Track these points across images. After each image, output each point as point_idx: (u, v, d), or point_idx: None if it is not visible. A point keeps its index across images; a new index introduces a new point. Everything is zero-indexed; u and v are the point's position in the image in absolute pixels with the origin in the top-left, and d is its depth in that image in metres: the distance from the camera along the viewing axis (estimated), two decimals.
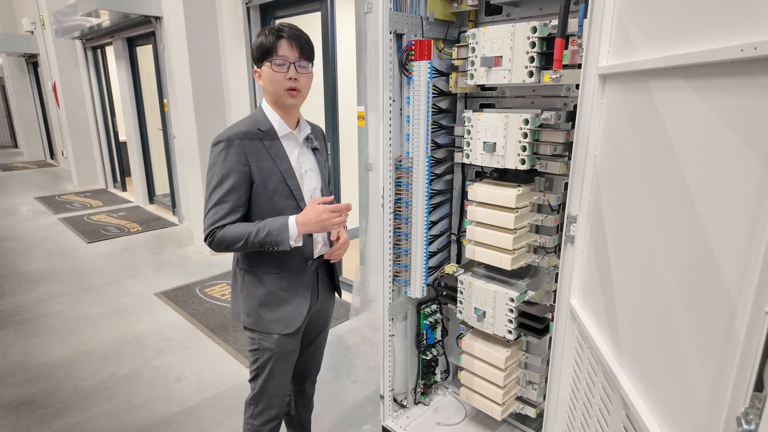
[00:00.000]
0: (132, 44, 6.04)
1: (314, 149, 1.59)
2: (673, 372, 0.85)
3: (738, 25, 0.68)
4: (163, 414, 2.38)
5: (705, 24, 0.76)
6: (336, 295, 1.76)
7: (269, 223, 1.41)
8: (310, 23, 3.80)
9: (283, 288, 1.52)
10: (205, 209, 1.42)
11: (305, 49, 1.43)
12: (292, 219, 1.42)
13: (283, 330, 1.53)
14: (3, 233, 5.33)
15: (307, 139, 1.56)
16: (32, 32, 8.54)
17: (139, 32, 5.43)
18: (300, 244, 1.44)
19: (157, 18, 4.80)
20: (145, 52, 5.94)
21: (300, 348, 1.74)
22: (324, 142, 1.69)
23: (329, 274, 1.69)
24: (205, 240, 1.42)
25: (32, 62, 9.98)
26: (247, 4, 3.97)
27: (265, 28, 1.43)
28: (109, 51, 6.74)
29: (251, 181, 1.42)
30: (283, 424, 1.80)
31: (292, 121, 1.52)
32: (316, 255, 1.57)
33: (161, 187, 6.64)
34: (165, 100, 5.34)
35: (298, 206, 1.48)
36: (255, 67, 1.47)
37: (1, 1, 9.72)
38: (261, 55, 1.41)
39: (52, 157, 10.81)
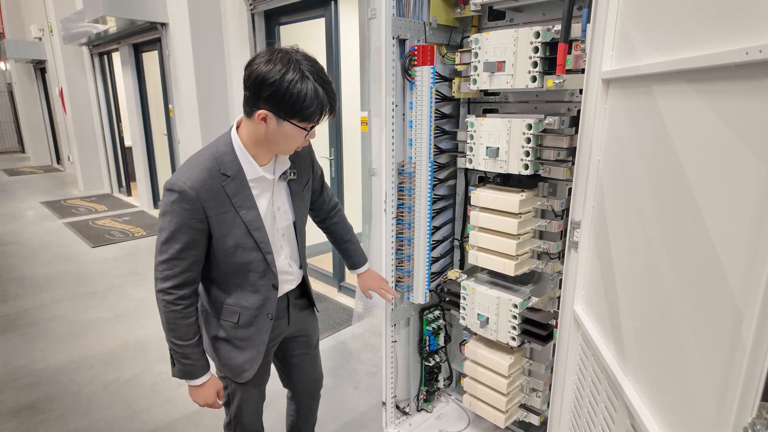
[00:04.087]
0: (138, 50, 6.09)
1: (290, 180, 1.40)
2: (679, 381, 0.84)
3: (742, 28, 0.67)
4: (164, 420, 2.37)
5: (709, 27, 0.76)
6: (317, 313, 1.66)
7: (194, 358, 1.31)
8: (314, 29, 3.82)
9: (238, 337, 1.40)
10: (156, 256, 1.25)
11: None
12: (203, 380, 1.34)
13: (234, 377, 1.44)
14: (8, 237, 5.36)
15: (283, 173, 1.37)
16: (40, 38, 8.64)
17: (145, 38, 5.47)
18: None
19: (163, 24, 4.84)
20: (150, 58, 5.98)
21: (287, 370, 1.69)
22: (310, 158, 1.49)
23: (301, 295, 1.58)
24: (158, 291, 1.26)
25: (40, 68, 10.08)
26: (251, 10, 3.99)
27: (292, 67, 1.11)
28: (116, 57, 6.80)
29: (209, 235, 1.26)
30: None
31: (268, 156, 1.32)
32: (284, 291, 1.47)
33: None
34: (170, 106, 5.37)
35: (264, 259, 1.33)
36: (264, 111, 1.15)
37: (10, 8, 9.84)
38: (294, 113, 1.14)
39: (58, 162, 10.89)
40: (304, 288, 1.57)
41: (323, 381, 1.82)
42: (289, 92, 1.11)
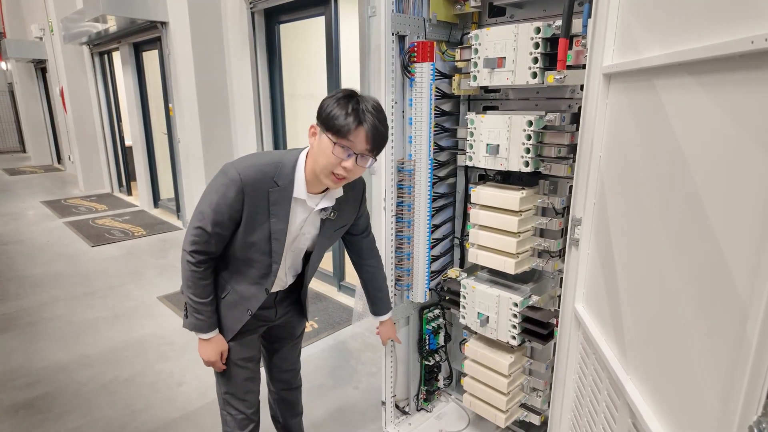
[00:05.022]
0: (138, 49, 6.08)
1: (326, 219, 1.47)
2: (682, 379, 0.82)
3: (747, 16, 0.65)
4: (163, 419, 2.36)
5: (712, 16, 0.74)
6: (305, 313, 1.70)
7: (206, 315, 1.43)
8: (314, 28, 3.81)
9: (219, 315, 1.49)
10: (191, 220, 1.37)
11: (378, 145, 1.29)
12: (209, 335, 1.46)
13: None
14: (9, 237, 5.35)
15: (324, 208, 1.44)
16: (41, 38, 8.64)
17: (145, 37, 5.46)
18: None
19: (163, 23, 4.83)
20: (151, 58, 5.98)
21: (268, 354, 1.77)
22: (359, 203, 1.56)
23: (291, 293, 1.63)
24: (184, 250, 1.39)
25: (41, 68, 10.09)
26: (252, 9, 3.98)
27: (348, 94, 1.27)
28: (116, 56, 6.79)
29: (238, 223, 1.36)
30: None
31: (319, 187, 1.40)
32: (276, 289, 1.54)
33: (166, 191, 6.66)
34: (170, 105, 5.36)
35: (269, 265, 1.43)
36: (314, 125, 1.31)
37: (11, 8, 9.85)
38: (329, 125, 1.25)
39: (59, 162, 10.90)
40: (295, 289, 1.64)
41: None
42: (332, 106, 1.25)
